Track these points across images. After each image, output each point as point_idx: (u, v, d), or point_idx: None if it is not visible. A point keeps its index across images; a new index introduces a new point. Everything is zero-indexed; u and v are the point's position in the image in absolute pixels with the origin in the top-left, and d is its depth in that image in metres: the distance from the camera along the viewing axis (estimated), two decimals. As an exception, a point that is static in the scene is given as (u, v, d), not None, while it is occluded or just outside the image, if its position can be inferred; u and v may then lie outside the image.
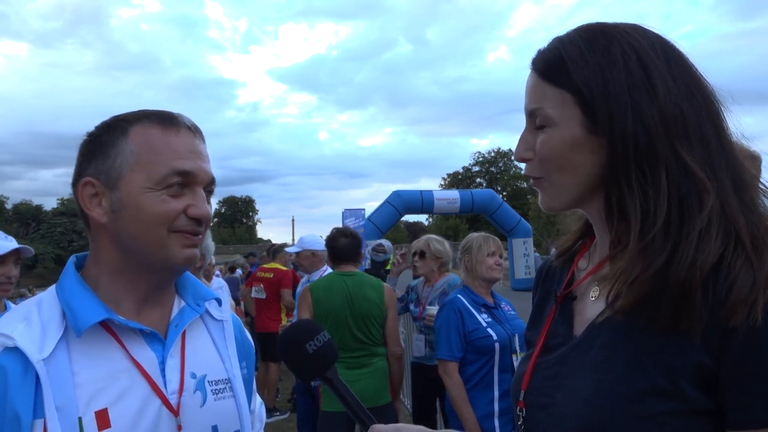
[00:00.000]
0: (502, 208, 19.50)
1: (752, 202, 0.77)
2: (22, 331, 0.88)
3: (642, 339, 0.75)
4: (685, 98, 0.77)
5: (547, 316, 0.95)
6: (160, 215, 0.94)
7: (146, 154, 0.95)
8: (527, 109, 0.86)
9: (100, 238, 0.98)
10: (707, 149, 0.77)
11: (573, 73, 0.80)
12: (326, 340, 0.96)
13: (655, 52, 0.79)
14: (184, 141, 0.98)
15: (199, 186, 0.99)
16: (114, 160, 0.96)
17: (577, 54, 0.80)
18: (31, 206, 50.90)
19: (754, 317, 0.67)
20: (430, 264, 4.15)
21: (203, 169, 0.99)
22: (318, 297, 3.45)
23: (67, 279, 0.98)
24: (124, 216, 0.95)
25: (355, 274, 3.59)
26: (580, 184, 0.83)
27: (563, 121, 0.81)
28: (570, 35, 0.84)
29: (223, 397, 1.05)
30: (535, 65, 0.86)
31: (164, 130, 0.97)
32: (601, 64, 0.79)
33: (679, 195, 0.75)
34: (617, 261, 0.79)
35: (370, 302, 3.44)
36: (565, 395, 0.82)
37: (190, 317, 1.06)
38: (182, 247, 0.97)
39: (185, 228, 0.97)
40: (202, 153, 1.01)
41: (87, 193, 0.97)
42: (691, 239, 0.73)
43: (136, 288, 0.99)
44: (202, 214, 0.97)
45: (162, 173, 0.94)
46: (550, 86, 0.82)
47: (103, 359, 0.92)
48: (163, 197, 0.95)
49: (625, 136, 0.76)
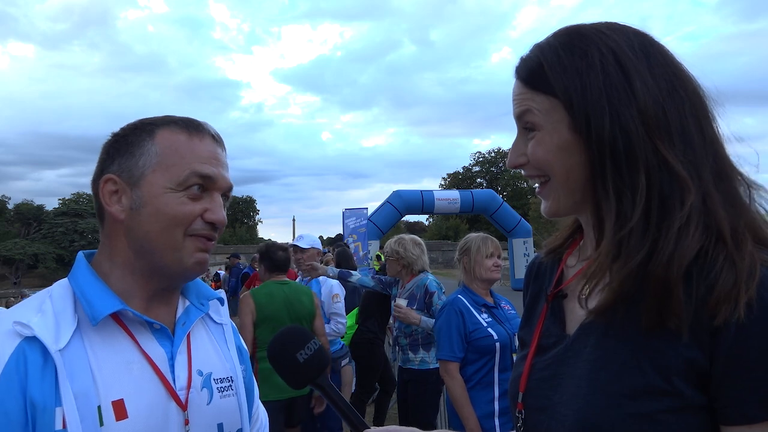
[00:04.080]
0: (503, 209, 19.50)
1: (734, 194, 0.77)
2: (38, 321, 0.88)
3: (634, 338, 0.76)
4: (666, 95, 0.77)
5: (539, 315, 0.96)
6: (178, 216, 0.96)
7: (170, 156, 0.98)
8: (516, 116, 0.86)
9: (116, 235, 0.99)
10: (690, 145, 0.77)
11: (552, 79, 0.80)
12: (317, 347, 0.96)
13: (633, 51, 0.79)
14: (207, 147, 1.02)
15: (218, 192, 1.02)
16: (138, 159, 0.98)
17: (555, 60, 0.81)
18: (33, 206, 50.86)
19: (737, 314, 0.68)
20: (393, 266, 4.09)
21: (223, 176, 1.02)
22: (260, 302, 3.85)
23: (80, 271, 0.99)
24: (143, 214, 0.96)
25: (289, 282, 4.07)
26: (577, 188, 0.83)
27: (551, 126, 0.81)
28: (549, 41, 0.84)
29: (228, 395, 1.06)
30: (519, 73, 0.86)
31: (189, 136, 1.01)
32: (579, 69, 0.79)
33: (661, 194, 0.75)
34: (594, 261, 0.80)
35: (305, 306, 3.98)
36: (562, 396, 0.82)
37: (196, 315, 1.07)
38: (195, 251, 0.99)
39: (200, 232, 0.99)
40: (222, 161, 1.04)
41: (108, 190, 0.99)
42: (670, 236, 0.73)
43: (146, 286, 1.00)
44: (218, 219, 1.00)
45: (184, 175, 0.97)
46: (535, 93, 0.83)
47: (116, 350, 0.94)
48: (183, 199, 0.97)
49: (602, 139, 0.77)
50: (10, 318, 0.88)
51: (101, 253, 1.02)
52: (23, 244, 41.38)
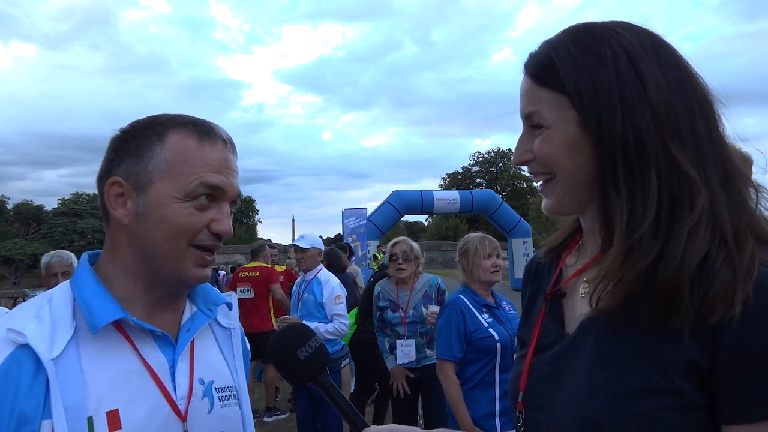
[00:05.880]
0: (502, 209, 19.52)
1: (739, 196, 0.77)
2: (34, 329, 0.86)
3: (634, 336, 0.76)
4: (677, 95, 0.77)
5: (538, 314, 0.95)
6: (185, 227, 0.94)
7: (179, 164, 0.95)
8: (523, 113, 0.86)
9: (119, 239, 0.97)
10: (699, 146, 0.77)
11: (563, 76, 0.80)
12: (318, 345, 0.96)
13: (645, 51, 0.79)
14: (218, 154, 0.98)
15: (226, 201, 0.99)
16: (147, 164, 0.95)
17: (566, 56, 0.80)
18: (32, 206, 50.88)
19: (733, 312, 0.68)
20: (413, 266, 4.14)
21: (232, 185, 0.99)
22: None
23: (82, 276, 0.97)
24: (148, 221, 0.94)
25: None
26: (582, 186, 0.82)
27: (560, 123, 0.81)
28: (559, 37, 0.84)
29: (229, 405, 1.04)
30: (528, 69, 0.86)
31: (200, 141, 0.97)
32: (590, 66, 0.79)
33: (671, 194, 0.75)
34: (603, 261, 0.80)
35: None
36: (562, 395, 0.82)
37: (202, 322, 1.05)
38: (196, 265, 0.97)
39: (205, 243, 0.96)
40: (233, 168, 1.00)
41: (113, 192, 0.96)
42: (681, 238, 0.73)
43: (149, 292, 0.98)
44: (224, 230, 0.97)
45: (192, 185, 0.94)
46: (543, 90, 0.82)
47: (115, 359, 0.91)
48: (190, 210, 0.94)
49: (614, 136, 0.76)
50: (5, 325, 0.86)
51: (105, 255, 1.00)
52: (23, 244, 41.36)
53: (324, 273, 4.76)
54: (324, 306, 4.51)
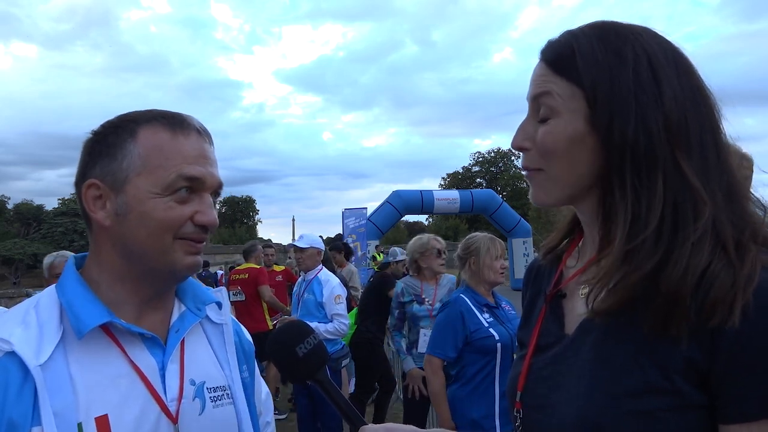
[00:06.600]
0: (502, 208, 19.51)
1: (743, 211, 0.78)
2: (20, 335, 0.85)
3: (634, 337, 0.76)
4: (690, 107, 0.78)
5: (538, 316, 0.95)
6: (166, 222, 0.92)
7: (154, 159, 0.93)
8: (532, 95, 0.85)
9: (103, 241, 0.96)
10: (705, 160, 0.77)
11: (582, 68, 0.79)
12: (316, 342, 0.96)
13: (665, 58, 0.79)
14: (193, 145, 0.96)
15: (207, 191, 0.97)
16: (121, 163, 0.93)
17: (588, 50, 0.80)
18: (32, 206, 50.84)
19: (733, 316, 0.68)
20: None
21: (212, 175, 0.97)
22: None
23: (68, 280, 0.95)
24: (129, 220, 0.93)
25: None
26: (577, 181, 0.82)
27: (568, 113, 0.80)
28: (584, 30, 0.83)
29: (221, 405, 1.02)
30: (545, 55, 0.85)
31: (173, 134, 0.95)
32: (611, 64, 0.78)
33: (674, 203, 0.75)
34: (601, 262, 0.80)
35: None
36: (561, 395, 0.82)
37: (191, 322, 1.03)
38: (186, 254, 0.95)
39: (191, 235, 0.95)
40: (210, 157, 0.98)
41: (91, 195, 0.95)
42: (685, 248, 0.73)
43: (137, 292, 0.97)
44: (209, 221, 0.96)
45: (170, 179, 0.92)
46: (558, 78, 0.82)
47: (103, 363, 0.90)
48: (170, 204, 0.93)
49: (625, 138, 0.76)
50: None
51: (91, 258, 0.99)
52: (23, 244, 41.33)
53: (324, 273, 4.78)
54: (324, 306, 4.53)
